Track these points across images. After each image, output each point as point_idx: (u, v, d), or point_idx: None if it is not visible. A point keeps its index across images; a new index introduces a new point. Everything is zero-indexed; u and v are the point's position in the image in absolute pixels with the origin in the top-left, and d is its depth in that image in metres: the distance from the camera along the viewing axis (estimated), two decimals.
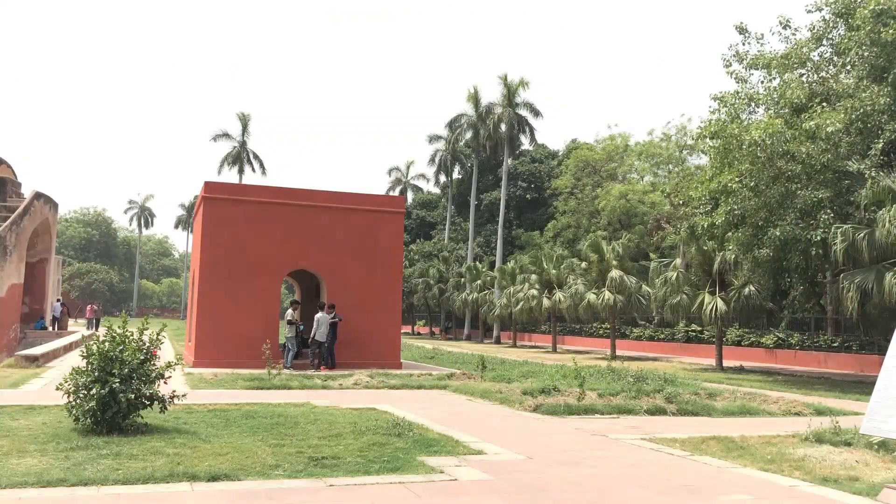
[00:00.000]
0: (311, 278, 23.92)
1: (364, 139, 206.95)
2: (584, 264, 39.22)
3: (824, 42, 24.20)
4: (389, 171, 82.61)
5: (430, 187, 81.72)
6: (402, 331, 28.25)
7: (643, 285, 34.96)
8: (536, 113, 57.23)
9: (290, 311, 21.59)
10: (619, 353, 35.89)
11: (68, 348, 26.08)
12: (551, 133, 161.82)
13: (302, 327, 21.61)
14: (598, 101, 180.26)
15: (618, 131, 61.76)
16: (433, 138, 67.70)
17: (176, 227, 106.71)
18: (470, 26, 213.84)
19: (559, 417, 12.64)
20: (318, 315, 20.58)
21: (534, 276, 43.67)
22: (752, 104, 24.70)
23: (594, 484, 7.62)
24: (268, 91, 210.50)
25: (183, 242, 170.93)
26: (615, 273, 34.60)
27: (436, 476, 7.66)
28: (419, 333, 69.96)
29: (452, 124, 63.02)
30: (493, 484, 7.45)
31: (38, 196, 33.26)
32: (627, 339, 42.81)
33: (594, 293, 35.45)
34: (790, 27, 24.85)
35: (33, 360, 19.73)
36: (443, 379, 18.18)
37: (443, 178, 71.41)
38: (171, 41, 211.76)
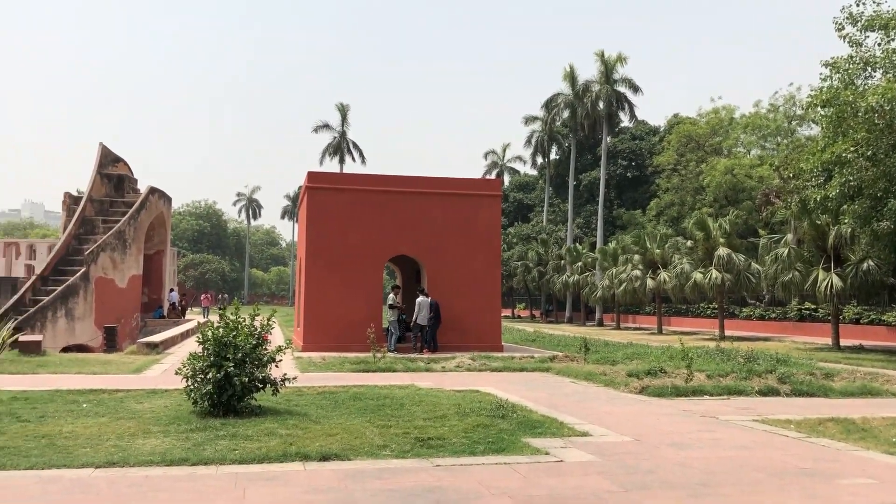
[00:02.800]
0: (412, 263, 24.23)
1: (459, 124, 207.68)
2: (689, 243, 38.17)
3: None
4: (485, 155, 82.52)
5: (527, 169, 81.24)
6: (502, 314, 28.23)
7: (752, 263, 33.78)
8: (636, 89, 55.87)
9: (391, 295, 21.98)
10: (727, 333, 34.80)
11: (185, 335, 27.37)
12: (651, 109, 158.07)
13: (404, 316, 21.91)
14: (700, 75, 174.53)
15: (722, 104, 59.20)
16: (529, 119, 67.14)
17: (282, 217, 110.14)
18: (564, 4, 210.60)
19: (666, 399, 12.38)
20: (420, 299, 20.85)
21: (636, 257, 42.82)
22: (868, 68, 23.26)
23: (704, 466, 7.43)
24: (365, 80, 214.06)
25: (289, 232, 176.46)
26: (722, 251, 33.54)
27: (541, 457, 7.65)
28: (519, 317, 69.82)
29: (549, 104, 62.27)
30: (599, 465, 7.38)
31: (152, 191, 34.95)
32: (736, 319, 41.41)
33: (701, 272, 34.45)
34: None
35: (153, 347, 20.80)
36: (545, 361, 18.10)
37: (540, 160, 70.78)
38: (274, 39, 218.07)
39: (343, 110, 76.20)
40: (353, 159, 76.37)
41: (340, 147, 75.70)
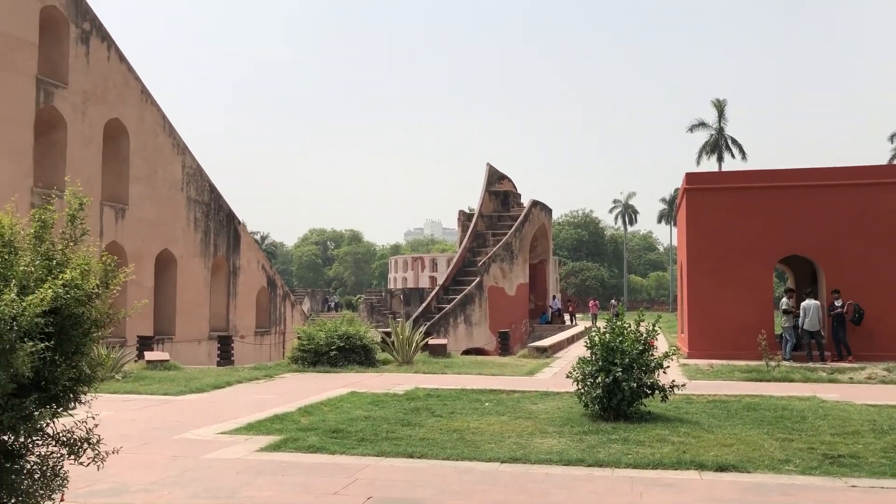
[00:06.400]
0: (806, 264, 22.24)
1: (857, 105, 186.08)
2: None
3: None
4: (891, 138, 72.61)
5: None
6: None
7: None
8: None
9: (784, 299, 20.36)
10: None
11: (571, 340, 28.42)
12: None
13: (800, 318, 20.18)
14: None
15: None
16: None
17: (658, 221, 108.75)
18: None
19: None
20: (805, 303, 19.04)
21: None
22: None
23: None
24: (741, 70, 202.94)
25: (666, 236, 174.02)
26: None
27: None
28: None
29: None
30: None
31: (534, 204, 37.07)
32: None
33: None
34: None
35: (542, 351, 21.94)
36: None
37: None
38: (650, 36, 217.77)
39: (720, 106, 72.94)
40: (733, 156, 72.54)
41: (718, 145, 72.50)
